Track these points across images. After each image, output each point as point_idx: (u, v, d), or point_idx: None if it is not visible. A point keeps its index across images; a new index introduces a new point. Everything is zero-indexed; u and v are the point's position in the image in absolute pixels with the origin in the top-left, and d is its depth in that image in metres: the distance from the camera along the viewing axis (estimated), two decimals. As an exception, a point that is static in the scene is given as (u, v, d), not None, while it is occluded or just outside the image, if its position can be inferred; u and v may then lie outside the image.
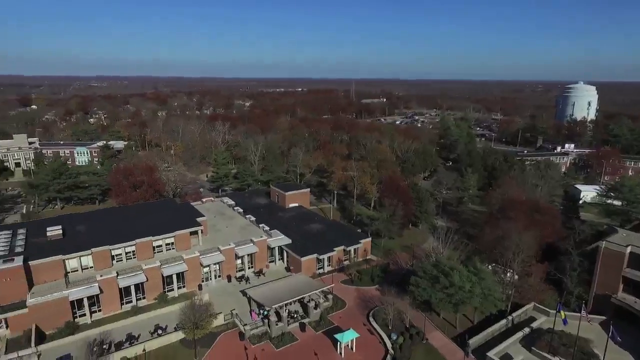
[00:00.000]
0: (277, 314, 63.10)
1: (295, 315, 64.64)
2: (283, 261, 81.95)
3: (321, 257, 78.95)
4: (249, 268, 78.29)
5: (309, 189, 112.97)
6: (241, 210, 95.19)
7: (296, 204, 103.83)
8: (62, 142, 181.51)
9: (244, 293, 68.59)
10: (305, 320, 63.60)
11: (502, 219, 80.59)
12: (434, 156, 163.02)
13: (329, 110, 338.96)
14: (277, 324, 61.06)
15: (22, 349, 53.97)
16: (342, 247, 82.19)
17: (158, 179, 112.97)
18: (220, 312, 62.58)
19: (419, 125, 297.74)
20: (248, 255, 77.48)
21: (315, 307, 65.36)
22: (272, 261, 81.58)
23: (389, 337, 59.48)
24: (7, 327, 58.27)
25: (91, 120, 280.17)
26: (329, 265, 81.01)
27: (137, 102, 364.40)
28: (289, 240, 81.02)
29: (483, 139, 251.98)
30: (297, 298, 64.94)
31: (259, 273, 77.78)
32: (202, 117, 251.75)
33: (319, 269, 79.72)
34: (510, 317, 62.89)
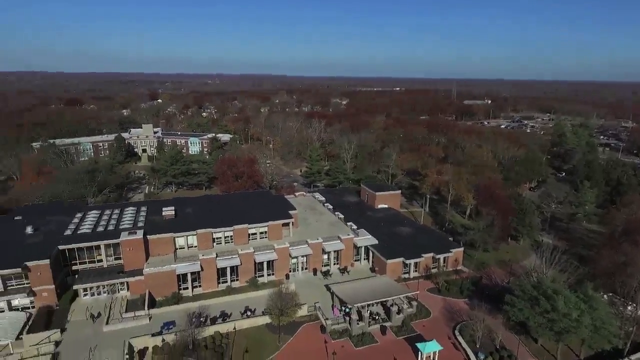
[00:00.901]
0: (359, 313, 63.22)
1: (377, 317, 64.06)
2: (368, 261, 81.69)
3: (408, 261, 76.92)
4: (334, 264, 79.64)
5: (400, 191, 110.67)
6: (331, 206, 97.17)
7: (386, 205, 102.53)
8: (179, 133, 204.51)
9: (328, 288, 70.04)
10: (387, 324, 62.68)
11: (627, 242, 69.82)
12: (544, 165, 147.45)
13: (427, 110, 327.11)
14: (358, 323, 61.20)
15: (138, 310, 62.53)
16: (431, 254, 79.03)
17: (257, 171, 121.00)
18: (305, 303, 64.79)
19: (528, 130, 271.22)
20: (334, 251, 78.83)
21: (398, 312, 63.99)
22: (358, 260, 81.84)
23: (476, 356, 55.66)
24: (127, 289, 67.89)
25: (204, 114, 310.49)
26: (416, 271, 78.54)
27: (242, 99, 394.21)
28: (375, 241, 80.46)
29: (607, 148, 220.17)
30: (380, 300, 64.30)
31: (343, 270, 78.70)
32: (301, 114, 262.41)
33: (404, 273, 77.81)
34: (629, 359, 54.22)
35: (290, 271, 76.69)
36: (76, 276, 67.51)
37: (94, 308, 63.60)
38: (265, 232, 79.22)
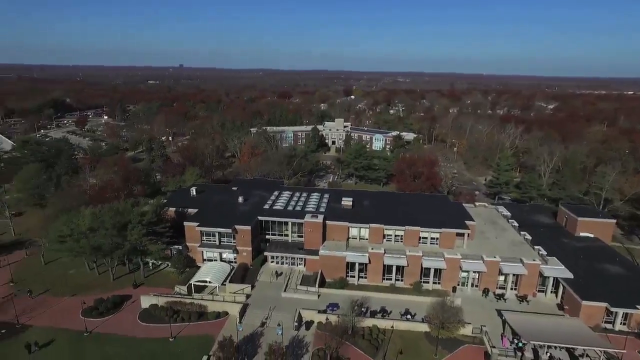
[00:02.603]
0: (535, 351, 54.63)
1: (558, 364, 54.07)
2: (556, 296, 69.32)
3: (614, 309, 61.76)
4: (511, 289, 70.73)
5: (614, 220, 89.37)
6: (516, 224, 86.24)
7: (590, 234, 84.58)
8: (366, 129, 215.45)
9: (499, 313, 62.87)
10: (571, 376, 52.24)
11: None
12: None
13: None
14: (531, 363, 53.05)
15: (310, 285, 69.63)
16: (650, 308, 61.42)
17: (436, 173, 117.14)
18: (469, 323, 59.93)
19: None
20: (514, 275, 69.90)
21: (589, 367, 52.45)
22: (542, 291, 70.46)
23: None
24: (304, 265, 76.30)
25: (391, 111, 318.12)
26: (624, 323, 62.48)
27: (432, 98, 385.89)
28: (569, 274, 67.51)
29: None
30: (567, 345, 53.98)
31: (522, 298, 69.07)
32: (494, 117, 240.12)
33: (606, 322, 62.90)
34: None
35: (458, 284, 71.99)
36: (267, 244, 79.73)
37: (277, 275, 73.99)
38: (437, 238, 76.26)
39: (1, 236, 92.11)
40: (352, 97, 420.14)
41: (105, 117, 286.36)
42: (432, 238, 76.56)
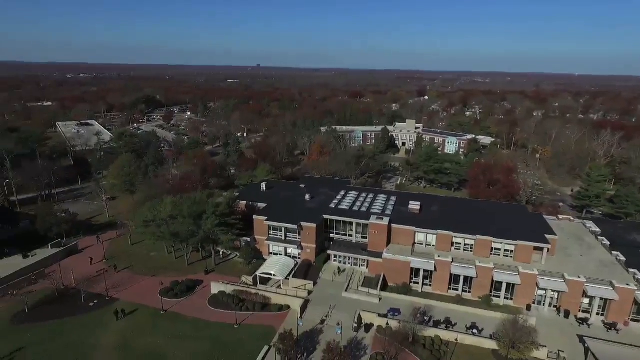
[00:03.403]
0: (623, 388, 48.48)
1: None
2: (653, 327, 60.91)
3: None
4: (597, 314, 63.54)
5: None
6: (607, 242, 77.24)
7: (702, 261, 72.92)
8: (438, 131, 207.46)
9: (581, 340, 56.85)
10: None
11: None
12: None
13: None
14: (618, 400, 47.16)
15: (372, 288, 68.78)
16: None
17: (515, 181, 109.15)
18: (545, 346, 54.94)
19: None
20: (601, 299, 62.70)
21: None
22: (637, 320, 62.36)
23: None
24: (367, 267, 75.60)
25: (467, 113, 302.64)
26: None
27: (514, 99, 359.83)
28: (672, 305, 58.89)
29: None
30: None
31: (610, 326, 61.73)
32: (586, 122, 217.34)
33: None
34: None
35: (533, 303, 66.38)
36: (331, 243, 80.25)
37: (339, 274, 74.22)
38: (512, 251, 71.00)
39: (98, 217, 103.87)
40: (426, 97, 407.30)
41: (189, 113, 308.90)
42: (506, 250, 71.46)
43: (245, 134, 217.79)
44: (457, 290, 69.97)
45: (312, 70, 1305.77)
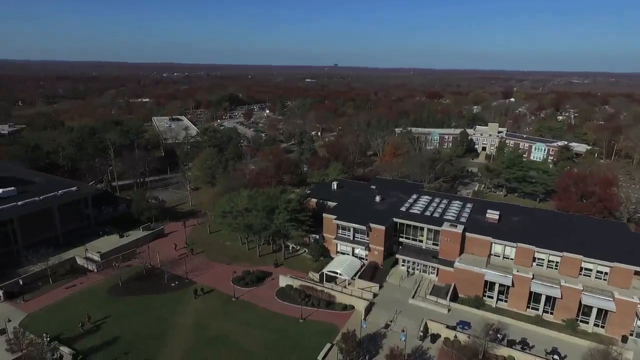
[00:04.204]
0: None
1: None
2: None
3: None
4: None
5: None
6: None
7: None
8: (524, 136, 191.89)
9: (690, 384, 48.94)
10: None
11: None
12: None
13: None
14: None
15: (440, 297, 65.95)
16: None
17: (614, 195, 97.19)
18: (642, 385, 48.27)
19: None
20: None
21: None
22: None
23: None
24: (436, 275, 72.65)
25: (559, 117, 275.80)
26: None
27: (617, 103, 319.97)
28: None
29: None
30: None
31: None
32: None
33: None
34: None
35: (631, 334, 58.61)
36: (400, 247, 78.44)
37: (406, 279, 72.37)
38: (606, 273, 63.35)
39: (182, 205, 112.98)
40: (512, 99, 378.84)
41: (267, 111, 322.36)
42: (599, 272, 63.96)
43: (319, 133, 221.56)
44: (536, 309, 64.29)
45: (388, 70, 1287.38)
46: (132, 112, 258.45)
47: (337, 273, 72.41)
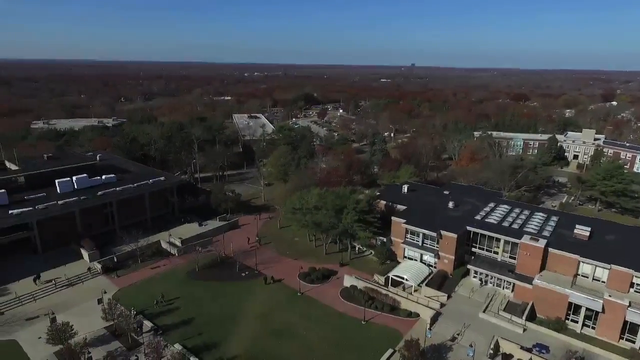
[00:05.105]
0: None
1: None
2: None
3: None
4: None
5: None
6: None
7: None
8: (627, 144, 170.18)
9: None
10: None
11: None
12: None
13: None
14: None
15: (515, 315, 61.24)
16: None
17: None
18: None
19: None
20: None
21: None
22: None
23: None
24: (512, 290, 67.59)
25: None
26: None
27: None
28: None
29: None
30: None
31: None
32: None
33: None
34: None
35: None
36: (472, 257, 74.27)
37: (477, 292, 68.37)
38: None
39: (256, 200, 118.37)
40: (614, 103, 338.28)
41: (341, 111, 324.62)
42: None
43: (392, 134, 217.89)
44: (632, 342, 56.83)
45: (469, 70, 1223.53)
46: (216, 109, 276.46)
47: (403, 278, 70.74)
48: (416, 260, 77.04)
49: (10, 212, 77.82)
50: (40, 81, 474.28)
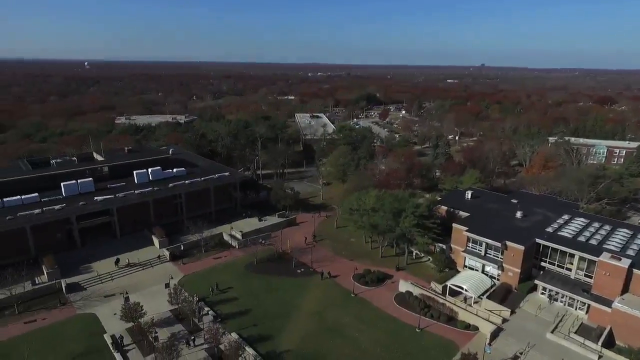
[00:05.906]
0: None
1: None
2: None
3: None
4: None
5: None
6: None
7: None
8: None
9: None
10: None
11: None
12: None
13: None
14: None
15: (589, 339, 55.81)
16: None
17: None
18: None
19: None
20: None
21: None
22: None
23: None
24: (586, 312, 61.73)
25: None
26: None
27: None
28: None
29: None
30: None
31: None
32: None
33: None
34: None
35: None
36: (541, 272, 68.95)
37: (545, 309, 63.35)
38: None
39: (314, 198, 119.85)
40: None
41: (403, 112, 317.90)
42: None
43: (457, 137, 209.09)
44: None
45: (546, 70, 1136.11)
46: (279, 108, 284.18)
47: (462, 288, 67.58)
48: (477, 270, 73.20)
49: (95, 198, 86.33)
50: (124, 80, 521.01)
